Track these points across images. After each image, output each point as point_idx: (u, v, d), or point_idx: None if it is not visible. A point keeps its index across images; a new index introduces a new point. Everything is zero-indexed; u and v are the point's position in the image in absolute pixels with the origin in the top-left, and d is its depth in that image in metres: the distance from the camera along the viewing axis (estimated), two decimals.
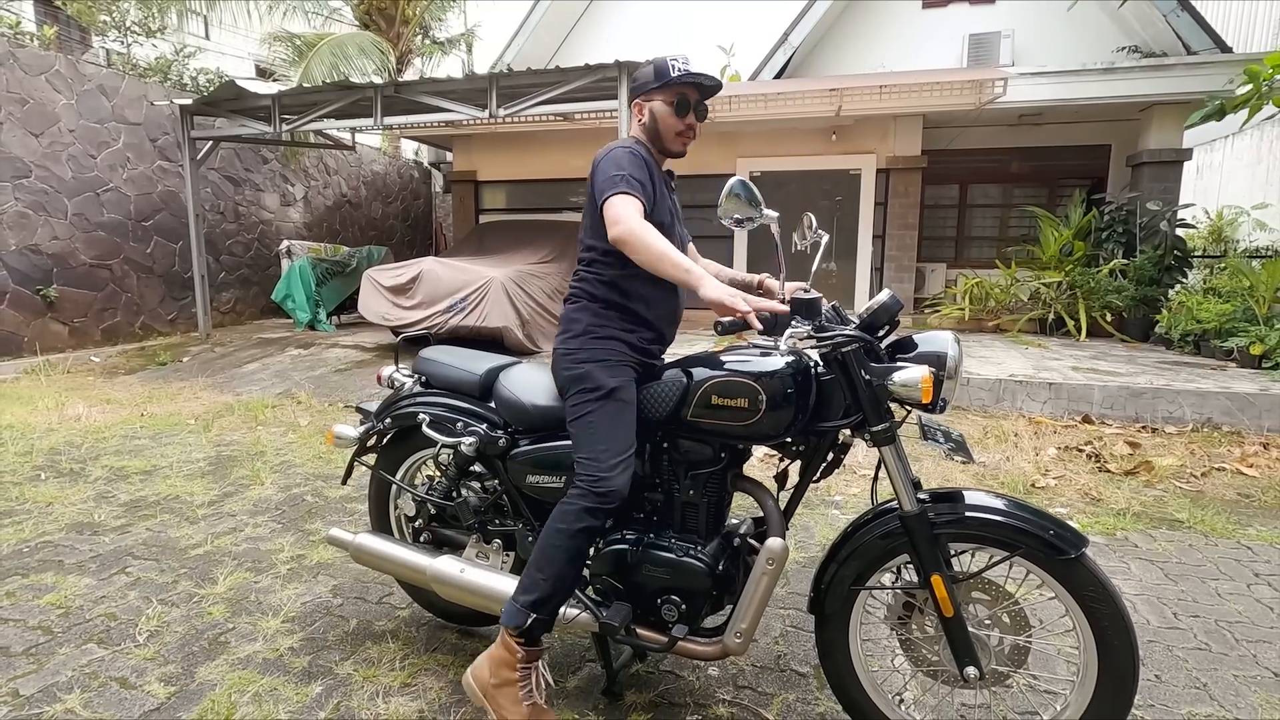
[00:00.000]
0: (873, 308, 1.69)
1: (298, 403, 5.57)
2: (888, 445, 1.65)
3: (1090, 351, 7.19)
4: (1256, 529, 3.29)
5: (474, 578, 2.01)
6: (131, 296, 8.11)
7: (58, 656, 2.23)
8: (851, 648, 1.78)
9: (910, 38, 10.46)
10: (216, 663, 2.21)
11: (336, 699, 2.04)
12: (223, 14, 10.30)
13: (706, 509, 1.83)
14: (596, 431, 1.77)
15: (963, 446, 1.70)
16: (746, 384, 1.68)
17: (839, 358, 1.66)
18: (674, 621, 1.80)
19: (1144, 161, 9.03)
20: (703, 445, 1.79)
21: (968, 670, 1.63)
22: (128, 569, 2.83)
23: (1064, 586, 1.56)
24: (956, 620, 1.63)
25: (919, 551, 1.63)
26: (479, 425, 2.07)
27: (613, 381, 1.79)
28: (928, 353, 1.66)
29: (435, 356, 2.26)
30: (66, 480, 3.83)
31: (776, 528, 1.76)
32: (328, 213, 11.24)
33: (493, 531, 2.13)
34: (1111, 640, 1.52)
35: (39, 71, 7.10)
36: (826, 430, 1.74)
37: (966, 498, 1.67)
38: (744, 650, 1.77)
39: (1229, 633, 2.40)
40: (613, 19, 12.04)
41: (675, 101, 1.85)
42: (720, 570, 1.79)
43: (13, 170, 6.87)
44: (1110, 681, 1.54)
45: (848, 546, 1.75)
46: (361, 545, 2.23)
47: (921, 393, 1.57)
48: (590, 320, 1.86)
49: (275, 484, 3.79)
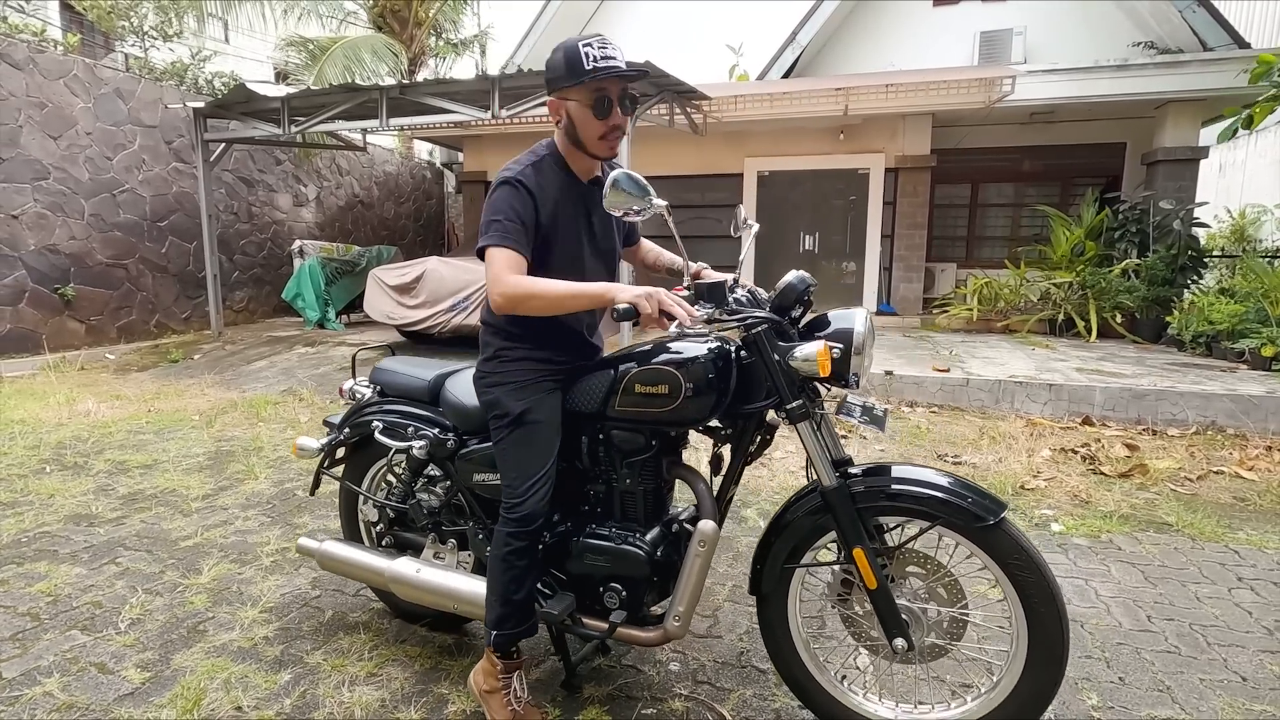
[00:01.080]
0: (779, 288, 1.73)
1: (300, 400, 5.68)
2: (802, 422, 1.67)
3: (1098, 353, 7.08)
4: (1247, 533, 3.23)
5: (429, 577, 2.07)
6: (146, 295, 8.30)
7: (42, 642, 2.32)
8: (791, 626, 1.82)
9: (921, 36, 10.36)
10: (193, 650, 2.28)
11: (303, 687, 2.10)
12: (238, 18, 10.48)
13: (644, 497, 1.86)
14: (508, 458, 1.80)
15: (878, 419, 1.70)
16: (667, 370, 1.70)
17: (753, 340, 1.68)
18: (615, 608, 1.83)
19: (1159, 160, 8.87)
20: (634, 434, 1.81)
21: (896, 642, 1.65)
22: (118, 559, 2.91)
23: (988, 554, 1.58)
24: (881, 592, 1.65)
25: (840, 525, 1.67)
26: (430, 430, 2.13)
27: (519, 406, 1.78)
28: (837, 330, 1.68)
29: (389, 366, 2.35)
30: (70, 473, 3.95)
31: (708, 511, 1.78)
32: (340, 213, 11.40)
33: (447, 532, 2.19)
34: (1037, 606, 1.54)
35: (58, 76, 7.29)
36: (751, 412, 1.77)
37: (892, 471, 1.70)
38: (683, 634, 1.80)
39: (1202, 636, 2.37)
40: (624, 19, 12.07)
41: (593, 102, 1.64)
42: (659, 556, 1.81)
43: (32, 172, 7.07)
44: (1040, 648, 1.55)
45: (780, 525, 1.78)
46: (326, 552, 2.32)
47: (818, 366, 1.59)
48: (500, 344, 1.84)
49: (269, 479, 3.87)
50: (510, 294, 1.62)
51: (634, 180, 1.55)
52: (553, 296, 1.63)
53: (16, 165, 6.93)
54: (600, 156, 1.75)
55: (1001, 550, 1.55)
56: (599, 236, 1.86)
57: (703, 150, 10.30)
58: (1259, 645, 2.32)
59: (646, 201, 1.56)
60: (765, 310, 1.72)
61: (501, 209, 1.66)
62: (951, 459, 4.26)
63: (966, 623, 1.69)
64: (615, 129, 1.68)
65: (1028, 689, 1.58)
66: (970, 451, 4.40)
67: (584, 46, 1.60)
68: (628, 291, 1.57)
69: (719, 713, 1.97)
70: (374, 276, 7.27)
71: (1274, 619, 2.49)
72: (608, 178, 1.57)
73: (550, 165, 1.74)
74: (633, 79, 1.65)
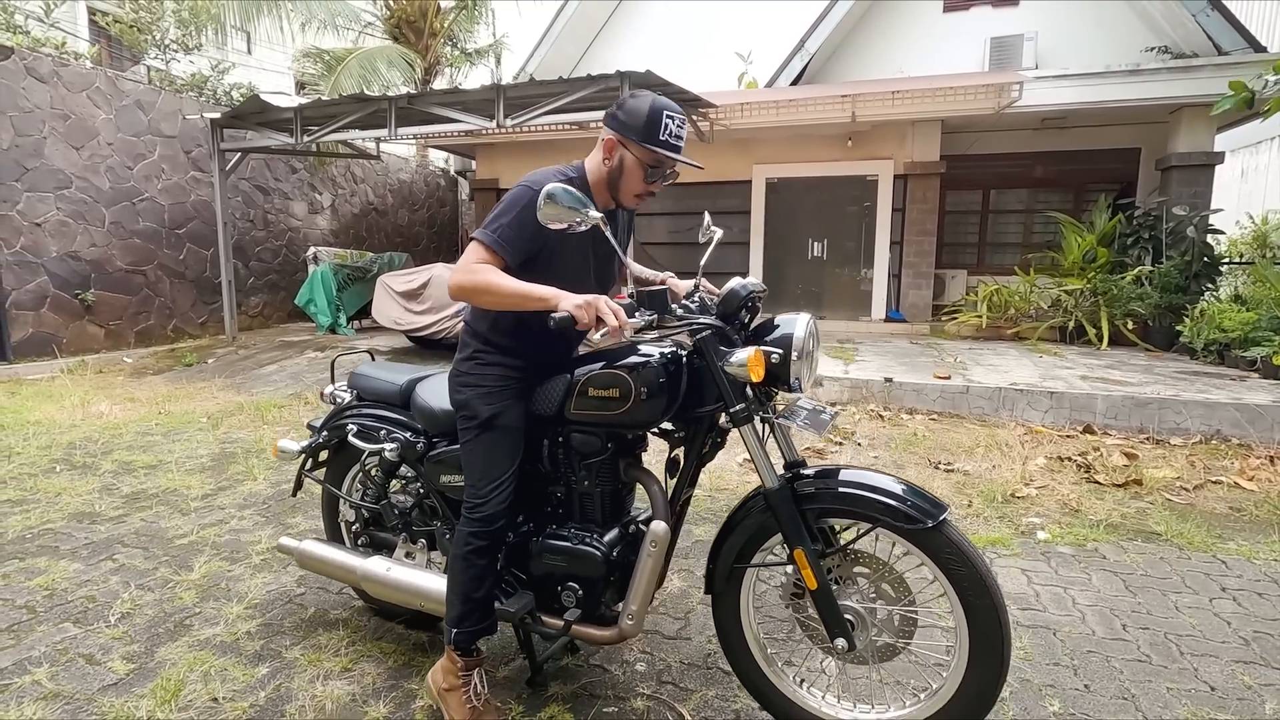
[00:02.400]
0: (722, 294, 1.78)
1: (305, 403, 5.79)
2: (745, 425, 1.70)
3: (1107, 360, 7.00)
4: (1238, 543, 3.19)
5: (398, 576, 2.14)
6: (164, 300, 8.52)
7: (35, 633, 2.41)
8: (744, 625, 1.85)
9: (931, 42, 10.33)
10: (177, 644, 2.36)
11: (279, 680, 2.16)
12: (256, 30, 10.73)
13: (602, 499, 1.90)
14: (473, 460, 1.86)
15: (820, 423, 1.71)
16: (618, 374, 1.74)
17: (698, 346, 1.73)
18: (572, 607, 1.88)
19: (1173, 165, 8.76)
20: (590, 437, 1.85)
21: (838, 641, 1.69)
22: (115, 556, 3.01)
23: (927, 554, 1.61)
24: (823, 592, 1.68)
25: (782, 526, 1.70)
26: (401, 433, 2.20)
27: (488, 410, 1.83)
28: (780, 336, 1.71)
29: (366, 372, 2.42)
30: (78, 473, 4.07)
31: (660, 512, 1.81)
32: (354, 220, 11.60)
33: (417, 532, 2.26)
34: (974, 603, 1.57)
35: (81, 88, 7.54)
36: (701, 416, 1.81)
37: (839, 475, 1.72)
38: (637, 632, 1.85)
39: (1176, 645, 2.36)
40: (635, 27, 12.19)
41: (650, 166, 1.74)
42: (616, 557, 1.85)
43: (55, 181, 7.30)
44: (980, 647, 1.58)
45: (730, 526, 1.83)
46: (305, 551, 2.39)
47: (750, 372, 1.62)
48: (478, 346, 1.88)
49: (267, 480, 3.97)
50: (466, 281, 1.68)
51: (570, 194, 1.56)
52: (502, 293, 1.66)
53: (40, 175, 7.17)
54: (625, 206, 1.88)
55: (939, 551, 1.59)
56: (600, 265, 1.92)
57: (711, 157, 10.33)
58: (1233, 655, 2.30)
59: (584, 214, 1.57)
60: (712, 316, 1.75)
61: (509, 211, 1.71)
62: (945, 466, 4.25)
63: (915, 621, 1.72)
64: (650, 192, 1.82)
65: (972, 688, 1.60)
66: (965, 459, 4.38)
67: (667, 116, 1.70)
68: (569, 300, 1.59)
69: (679, 712, 2.00)
70: (382, 283, 7.40)
71: (1252, 629, 2.46)
72: (543, 191, 1.56)
73: (577, 187, 1.73)
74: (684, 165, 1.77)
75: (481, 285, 1.68)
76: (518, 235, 1.70)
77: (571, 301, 1.59)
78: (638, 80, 6.25)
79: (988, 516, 3.48)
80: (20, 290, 7.02)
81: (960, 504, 3.65)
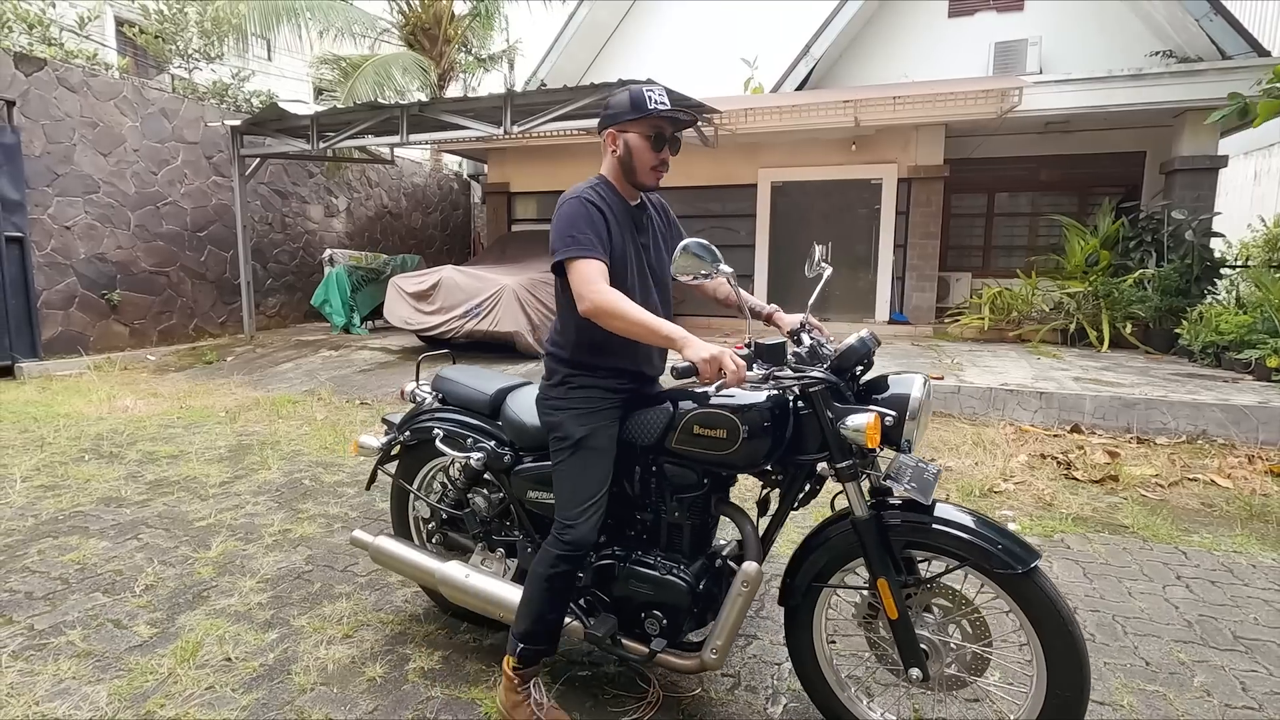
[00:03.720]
0: (841, 350, 1.77)
1: (319, 399, 6.04)
2: (850, 482, 1.71)
3: (1104, 363, 7.08)
4: (1202, 536, 3.32)
5: (476, 583, 2.15)
6: (186, 301, 8.84)
7: (69, 601, 2.65)
8: (815, 640, 1.88)
9: (936, 46, 10.44)
10: (196, 612, 2.58)
11: (287, 644, 2.38)
12: (276, 38, 11.06)
13: (691, 530, 1.93)
14: (564, 481, 1.88)
15: (927, 485, 1.69)
16: (726, 416, 1.74)
17: (809, 398, 1.74)
18: (655, 635, 1.91)
19: (1176, 169, 8.81)
20: (686, 471, 1.87)
21: (913, 672, 1.70)
22: (140, 535, 3.25)
23: (1014, 600, 1.61)
24: (902, 623, 1.70)
25: (868, 555, 1.72)
26: (488, 442, 2.21)
27: (581, 431, 1.86)
28: (894, 395, 1.71)
29: (452, 375, 2.43)
30: (105, 461, 4.34)
31: (753, 552, 1.84)
32: (369, 223, 11.91)
33: (496, 541, 2.30)
34: (1058, 653, 1.56)
35: (108, 97, 7.87)
36: (803, 463, 1.81)
37: (931, 510, 1.71)
38: (720, 665, 1.86)
39: (1121, 626, 2.50)
40: (645, 32, 12.40)
41: (652, 135, 1.81)
42: (701, 589, 1.88)
43: (83, 186, 7.64)
44: (1057, 697, 1.58)
45: (812, 544, 1.86)
46: (380, 547, 2.40)
47: (866, 438, 1.62)
48: (566, 371, 1.92)
49: (281, 469, 4.21)
50: (600, 303, 1.71)
51: (705, 247, 1.68)
52: (632, 321, 1.69)
53: (70, 180, 7.50)
54: (647, 186, 1.90)
55: (1027, 598, 1.58)
56: (650, 254, 1.98)
57: (718, 161, 10.51)
58: (1174, 636, 2.45)
59: (714, 267, 1.68)
60: (824, 368, 1.77)
61: (576, 223, 1.78)
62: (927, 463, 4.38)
63: (989, 660, 1.72)
64: (664, 163, 1.87)
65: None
66: (949, 456, 4.53)
67: (648, 90, 1.81)
68: (695, 349, 1.61)
69: (648, 678, 2.19)
70: (393, 284, 7.65)
71: (1198, 613, 2.60)
72: (680, 242, 1.72)
73: (606, 188, 1.89)
74: (686, 125, 1.85)
75: (613, 308, 1.70)
76: (596, 236, 1.78)
77: (698, 353, 1.60)
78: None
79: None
80: (50, 290, 7.36)
81: (938, 497, 3.80)
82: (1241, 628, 2.50)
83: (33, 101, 7.15)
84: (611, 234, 1.84)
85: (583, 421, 1.88)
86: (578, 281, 1.76)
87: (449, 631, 2.47)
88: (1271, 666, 2.27)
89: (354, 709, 2.05)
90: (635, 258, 1.93)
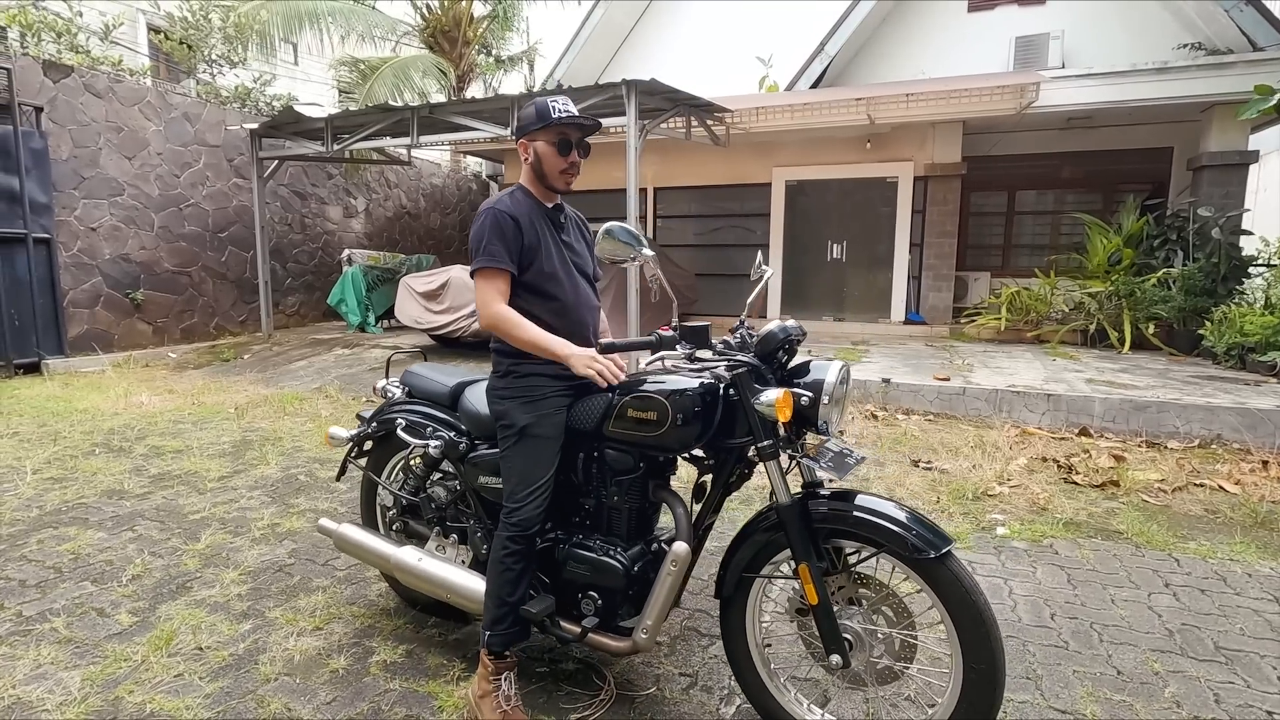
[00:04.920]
0: (760, 336, 1.86)
1: (326, 396, 6.16)
2: (771, 460, 1.78)
3: (1123, 364, 6.90)
4: (1199, 543, 3.22)
5: (428, 568, 2.24)
6: (207, 300, 9.08)
7: (59, 589, 2.74)
8: (749, 634, 1.91)
9: (955, 42, 10.27)
10: (177, 602, 2.66)
11: (258, 635, 2.43)
12: (299, 43, 11.29)
13: (630, 515, 1.99)
14: (511, 466, 1.97)
15: (845, 466, 1.76)
16: (657, 399, 1.82)
17: (733, 381, 1.80)
18: (590, 615, 1.97)
19: (1204, 165, 8.54)
20: (624, 455, 1.95)
21: (833, 658, 1.75)
22: (135, 527, 3.35)
23: (928, 584, 1.65)
24: (823, 608, 1.74)
25: (790, 541, 1.76)
26: (446, 432, 2.30)
27: (526, 418, 1.95)
28: (813, 380, 1.78)
29: (419, 371, 2.53)
30: (114, 455, 4.48)
31: (684, 534, 1.89)
32: (388, 223, 12.09)
33: (450, 527, 2.37)
34: (970, 635, 1.59)
35: (133, 102, 8.12)
36: (732, 446, 1.88)
37: (854, 499, 1.76)
38: (650, 646, 1.93)
39: (1098, 634, 2.44)
40: (661, 32, 12.40)
41: (558, 142, 1.94)
42: (636, 571, 1.94)
43: (109, 189, 7.88)
44: (973, 678, 1.60)
45: (743, 536, 1.90)
46: (343, 534, 2.51)
47: (777, 411, 1.69)
48: (509, 363, 2.01)
49: (279, 465, 4.30)
50: (494, 320, 1.93)
51: (627, 231, 1.74)
52: (521, 339, 1.91)
53: (96, 183, 7.75)
54: (558, 188, 2.02)
55: (939, 581, 1.63)
56: (574, 250, 2.09)
57: (731, 161, 10.47)
58: (1152, 645, 2.38)
59: (637, 250, 1.72)
60: (749, 354, 1.84)
61: (487, 235, 1.92)
62: (924, 465, 4.32)
63: (915, 647, 1.75)
64: (574, 165, 1.99)
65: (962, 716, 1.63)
66: (947, 458, 4.45)
67: (552, 101, 1.94)
68: (577, 362, 1.84)
69: (604, 674, 2.19)
70: (404, 284, 7.76)
71: (1181, 622, 2.52)
72: (602, 227, 1.79)
73: (523, 194, 2.03)
74: (589, 130, 1.99)
75: (505, 323, 1.92)
76: (504, 248, 1.91)
77: (580, 366, 1.85)
78: (643, 88, 6.45)
79: (952, 512, 3.57)
80: (77, 290, 7.61)
81: (929, 500, 3.74)
82: (1225, 638, 2.42)
83: (60, 107, 7.40)
84: (524, 236, 1.95)
85: (527, 410, 1.97)
86: (480, 295, 1.95)
87: (416, 626, 2.50)
88: (1250, 678, 2.19)
89: (312, 699, 2.09)
90: (557, 251, 2.04)
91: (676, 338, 1.86)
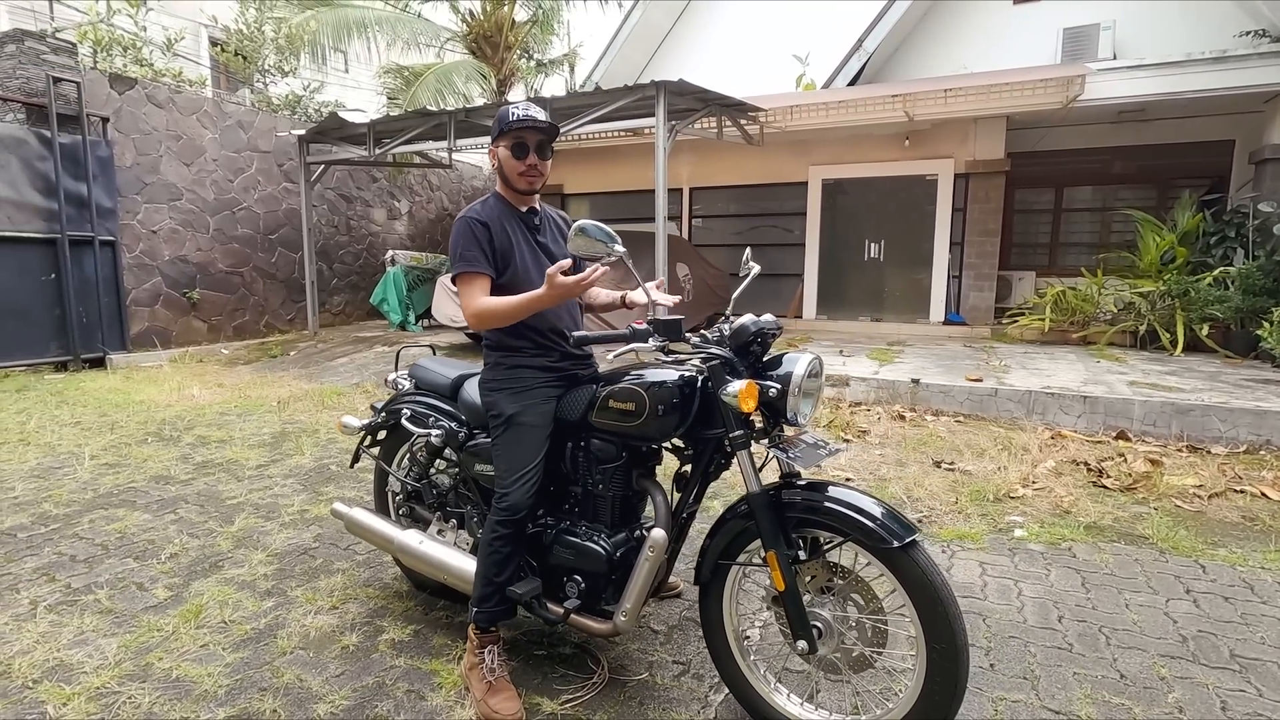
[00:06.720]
0: (732, 329, 1.90)
1: (363, 391, 6.39)
2: (741, 450, 1.83)
3: (1172, 367, 6.62)
4: (1229, 550, 3.10)
5: (428, 550, 2.36)
6: (258, 299, 9.50)
7: (104, 564, 2.95)
8: (725, 620, 1.95)
9: (1000, 36, 10.00)
10: (209, 579, 2.83)
11: (279, 612, 2.58)
12: (347, 51, 11.70)
13: (614, 502, 2.07)
14: (501, 453, 2.06)
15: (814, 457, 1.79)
16: (636, 390, 1.91)
17: (706, 373, 1.86)
18: (574, 597, 2.05)
19: (1267, 158, 8.13)
20: (608, 444, 2.03)
21: (799, 644, 1.78)
22: (177, 510, 3.57)
23: (892, 572, 1.68)
24: (790, 594, 1.77)
25: (760, 529, 1.80)
26: (447, 421, 2.41)
27: (514, 408, 2.05)
28: (780, 373, 1.83)
29: (425, 364, 2.66)
30: (164, 444, 4.76)
31: (663, 521, 1.96)
32: (430, 225, 12.43)
33: (451, 512, 2.49)
34: (933, 623, 1.62)
35: (191, 112, 8.57)
36: (709, 437, 1.94)
37: (825, 489, 1.80)
38: (630, 628, 2.01)
39: (1106, 638, 2.39)
40: (698, 33, 12.43)
41: (514, 145, 2.04)
42: (619, 558, 2.01)
43: (169, 194, 8.34)
44: (936, 664, 1.63)
45: (719, 524, 1.95)
46: (353, 518, 2.64)
47: (740, 401, 1.72)
48: (498, 356, 2.13)
49: (312, 455, 4.50)
50: (477, 312, 2.00)
51: (599, 228, 1.79)
52: (506, 311, 1.97)
53: (157, 189, 8.21)
54: (521, 190, 2.11)
55: (903, 569, 1.66)
56: (551, 250, 2.16)
57: (766, 160, 10.42)
58: (1162, 651, 2.31)
59: (609, 248, 1.78)
60: (723, 348, 1.88)
61: (462, 241, 2.03)
62: (946, 465, 4.26)
63: (886, 635, 1.78)
64: (532, 168, 2.07)
65: (927, 702, 1.66)
66: (972, 460, 4.37)
67: (510, 108, 2.04)
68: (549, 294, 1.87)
69: (599, 659, 2.26)
70: (441, 283, 7.98)
71: (1197, 629, 2.44)
72: (573, 224, 1.82)
73: (495, 201, 2.13)
74: (545, 133, 2.06)
75: (489, 312, 1.99)
76: (480, 253, 2.02)
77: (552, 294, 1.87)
78: (673, 88, 6.49)
79: (970, 514, 3.51)
80: (138, 289, 8.07)
81: (947, 501, 3.69)
82: (1243, 646, 2.34)
83: (124, 117, 7.87)
84: (496, 239, 2.05)
85: (515, 400, 2.07)
86: (464, 299, 2.04)
87: (425, 608, 2.61)
88: (1263, 687, 2.12)
89: (323, 671, 2.22)
90: (530, 251, 2.13)
91: (649, 331, 1.88)
